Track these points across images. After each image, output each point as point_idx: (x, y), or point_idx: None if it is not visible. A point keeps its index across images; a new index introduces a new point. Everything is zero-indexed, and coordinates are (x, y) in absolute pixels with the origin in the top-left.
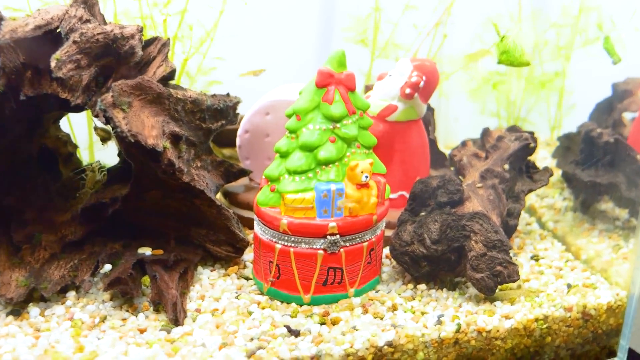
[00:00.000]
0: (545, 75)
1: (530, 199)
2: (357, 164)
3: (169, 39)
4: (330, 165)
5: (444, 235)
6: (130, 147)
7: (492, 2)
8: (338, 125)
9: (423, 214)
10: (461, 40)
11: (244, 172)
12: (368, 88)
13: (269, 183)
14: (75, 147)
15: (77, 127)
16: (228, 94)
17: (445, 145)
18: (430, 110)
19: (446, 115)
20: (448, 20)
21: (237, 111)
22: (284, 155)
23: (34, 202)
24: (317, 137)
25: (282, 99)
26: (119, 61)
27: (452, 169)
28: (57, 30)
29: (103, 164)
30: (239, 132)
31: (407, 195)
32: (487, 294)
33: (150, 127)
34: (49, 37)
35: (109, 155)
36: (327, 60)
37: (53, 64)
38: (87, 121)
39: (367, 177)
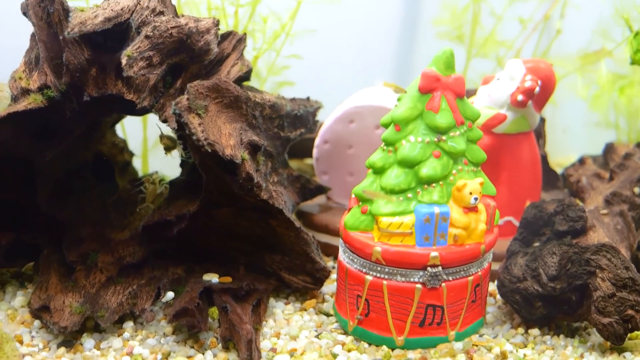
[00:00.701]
0: None
1: None
2: (466, 184)
3: (245, 33)
4: (434, 184)
5: (563, 271)
6: (206, 158)
7: None
8: (444, 137)
9: (537, 244)
10: (577, 37)
11: (321, 190)
12: (468, 93)
13: (360, 203)
14: (132, 155)
15: (131, 132)
16: (308, 98)
17: (552, 164)
18: (542, 120)
19: (553, 126)
20: (564, 12)
21: (317, 118)
22: (379, 171)
23: (89, 217)
24: (419, 151)
25: (369, 104)
26: (192, 58)
27: (566, 190)
28: (128, 23)
29: (162, 175)
30: (317, 142)
31: (515, 222)
32: (616, 342)
33: (228, 135)
34: (118, 30)
35: (164, 165)
36: (432, 61)
37: (124, 61)
38: (142, 126)
39: (476, 199)
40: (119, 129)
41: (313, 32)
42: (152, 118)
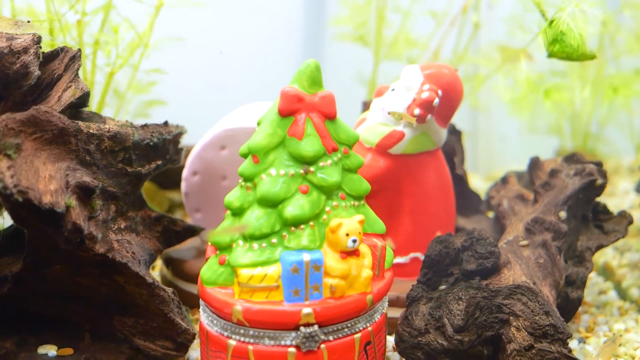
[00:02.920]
0: (621, 76)
1: (605, 256)
2: (341, 224)
3: (79, 50)
4: (303, 226)
5: (471, 320)
6: (19, 209)
7: None
8: (312, 168)
9: (443, 287)
10: (501, 26)
11: (192, 231)
12: (366, 106)
13: (218, 252)
14: None
15: None
16: (166, 123)
17: (489, 177)
18: (456, 133)
19: (488, 135)
20: (481, 4)
21: (181, 145)
22: (237, 212)
23: None
24: (281, 187)
25: (243, 126)
26: (7, 85)
27: (491, 215)
28: None
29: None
30: (184, 174)
31: (422, 258)
32: None
33: (48, 179)
34: None
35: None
36: (294, 77)
37: None
38: None
39: (355, 241)
40: None
41: (179, 41)
42: None
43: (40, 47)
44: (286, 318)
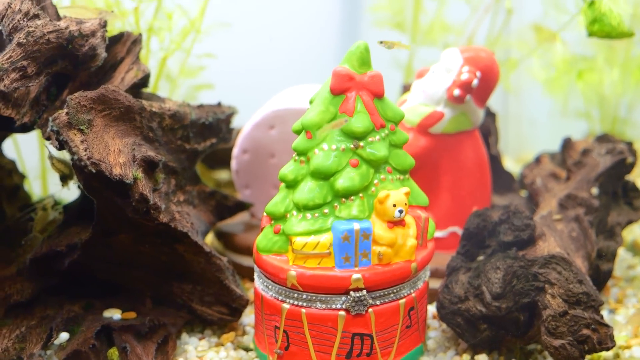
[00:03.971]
0: None
1: (634, 233)
2: (388, 195)
3: (140, 34)
4: (353, 197)
5: (509, 288)
6: (92, 179)
7: None
8: (362, 143)
9: (481, 258)
10: (534, 11)
11: (242, 206)
12: (406, 88)
13: (273, 222)
14: (23, 177)
15: (26, 149)
16: (219, 104)
17: (518, 159)
18: (491, 115)
19: (518, 118)
20: None
21: (232, 125)
22: (292, 184)
23: None
24: (333, 161)
25: (291, 107)
26: (76, 66)
27: (524, 194)
28: None
29: (58, 199)
30: (234, 152)
31: (460, 232)
32: None
33: (117, 153)
34: None
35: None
36: (345, 58)
37: None
38: (38, 142)
39: (401, 211)
40: (9, 147)
41: (228, 27)
42: None
43: (107, 31)
44: (337, 283)
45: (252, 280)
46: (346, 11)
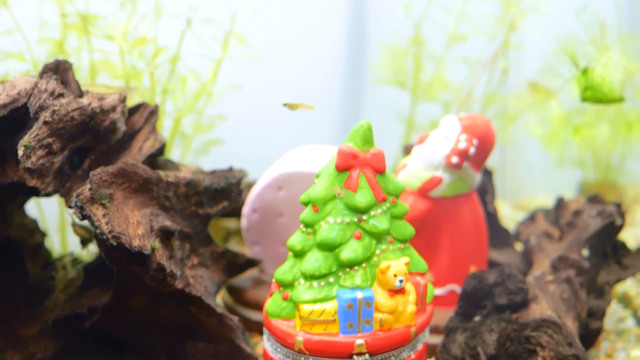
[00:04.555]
0: (636, 112)
1: (624, 286)
2: (389, 266)
3: (156, 106)
4: (356, 267)
5: (502, 350)
6: (112, 250)
7: (564, 23)
8: (364, 217)
9: (477, 318)
10: (529, 72)
11: (251, 263)
12: (407, 150)
13: (281, 289)
14: (44, 235)
15: (46, 203)
16: (231, 169)
17: (516, 205)
18: (488, 174)
19: (515, 166)
20: (509, 50)
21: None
22: (299, 254)
23: None
24: (338, 233)
25: (298, 170)
26: (98, 140)
27: (520, 246)
28: (25, 108)
29: (77, 255)
30: (245, 211)
31: (458, 290)
32: None
33: (136, 224)
34: (15, 115)
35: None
36: (349, 136)
37: (20, 151)
38: (58, 199)
39: (402, 281)
40: (31, 205)
41: (238, 89)
42: None
43: (126, 106)
44: (342, 348)
45: (261, 333)
46: (350, 69)
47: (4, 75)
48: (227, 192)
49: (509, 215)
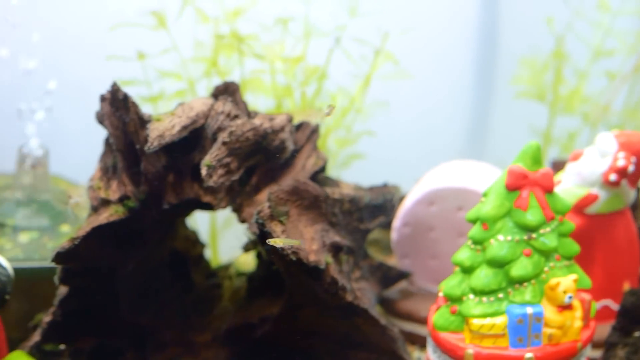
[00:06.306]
0: None
1: None
2: (559, 283)
3: (318, 125)
4: (525, 283)
5: None
6: (290, 266)
7: None
8: (534, 235)
9: (637, 334)
10: None
11: (402, 275)
12: (556, 166)
13: (449, 303)
14: (203, 246)
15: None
16: (385, 185)
17: None
18: (637, 190)
19: None
20: None
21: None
22: (467, 270)
23: (169, 320)
24: (508, 251)
25: (450, 186)
26: (268, 159)
27: None
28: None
29: (237, 267)
30: (396, 224)
31: (613, 305)
32: None
33: (311, 240)
34: (192, 135)
35: (234, 250)
36: (518, 156)
37: (204, 171)
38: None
39: (570, 297)
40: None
41: (385, 106)
42: None
43: (293, 125)
44: None
45: (413, 343)
46: (481, 83)
47: (159, 94)
48: (383, 207)
49: None
